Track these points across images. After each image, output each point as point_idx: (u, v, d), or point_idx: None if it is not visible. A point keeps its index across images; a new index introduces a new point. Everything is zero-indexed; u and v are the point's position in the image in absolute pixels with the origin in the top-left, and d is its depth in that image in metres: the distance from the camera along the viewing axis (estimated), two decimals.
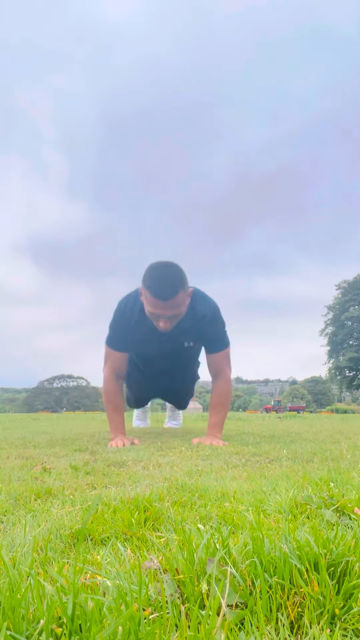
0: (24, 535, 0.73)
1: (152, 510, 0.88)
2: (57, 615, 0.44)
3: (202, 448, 2.20)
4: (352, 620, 0.48)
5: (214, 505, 0.95)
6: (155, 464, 1.64)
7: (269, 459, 1.79)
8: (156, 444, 2.46)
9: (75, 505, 0.98)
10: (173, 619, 0.45)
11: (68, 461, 1.73)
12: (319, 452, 1.97)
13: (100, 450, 2.16)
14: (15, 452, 2.08)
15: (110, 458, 1.81)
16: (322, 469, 1.44)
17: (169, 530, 0.79)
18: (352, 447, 2.20)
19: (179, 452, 2.03)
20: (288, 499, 0.93)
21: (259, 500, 0.97)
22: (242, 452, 2.03)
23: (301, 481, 1.16)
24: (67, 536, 0.76)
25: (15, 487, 1.19)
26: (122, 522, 0.82)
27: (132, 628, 0.41)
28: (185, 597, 0.51)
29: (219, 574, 0.52)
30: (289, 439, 2.78)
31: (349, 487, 1.08)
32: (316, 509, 0.86)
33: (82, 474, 1.42)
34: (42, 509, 0.95)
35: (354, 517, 0.80)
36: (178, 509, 0.93)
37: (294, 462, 1.66)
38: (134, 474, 1.39)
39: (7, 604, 0.44)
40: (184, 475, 1.36)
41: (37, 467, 1.54)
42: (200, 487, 1.13)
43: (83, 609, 0.43)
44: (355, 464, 1.58)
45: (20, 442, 2.59)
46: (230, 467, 1.57)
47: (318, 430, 3.86)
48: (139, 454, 1.94)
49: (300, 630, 0.48)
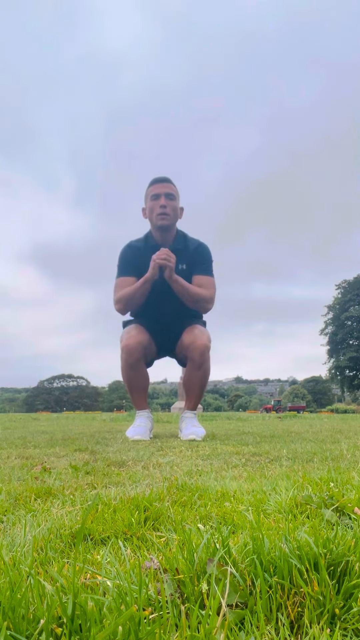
0: (24, 535, 0.73)
1: (152, 510, 0.88)
2: (57, 615, 0.44)
3: (202, 448, 2.20)
4: (352, 620, 0.48)
5: (214, 505, 0.95)
6: (155, 464, 1.64)
7: (269, 458, 1.79)
8: (156, 444, 2.46)
9: (75, 505, 0.98)
10: (173, 618, 0.45)
11: (68, 461, 1.73)
12: (319, 452, 1.97)
13: (100, 450, 2.16)
14: (16, 452, 2.08)
15: (110, 458, 1.81)
16: (322, 469, 1.44)
17: (169, 530, 0.79)
18: (352, 447, 2.20)
19: (179, 452, 2.03)
20: (288, 499, 0.93)
21: (259, 500, 0.97)
22: (242, 452, 2.03)
23: (301, 481, 1.16)
24: (67, 536, 0.76)
25: (15, 486, 1.19)
26: (122, 521, 0.82)
27: (132, 628, 0.41)
28: (185, 597, 0.51)
29: (219, 573, 0.52)
30: (289, 439, 2.78)
31: (349, 487, 1.08)
32: (316, 508, 0.86)
33: (82, 473, 1.42)
34: (42, 509, 0.95)
35: (354, 517, 0.80)
36: (178, 508, 0.92)
37: (294, 462, 1.66)
38: (134, 474, 1.39)
39: (7, 604, 0.44)
40: (184, 475, 1.36)
41: (37, 467, 1.54)
42: (200, 487, 1.13)
43: (83, 609, 0.43)
44: (355, 463, 1.58)
45: (20, 442, 2.59)
46: (230, 467, 1.57)
47: (318, 430, 3.86)
48: (139, 454, 1.94)
49: (300, 630, 0.48)
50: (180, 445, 2.32)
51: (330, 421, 6.19)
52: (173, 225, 3.02)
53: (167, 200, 2.93)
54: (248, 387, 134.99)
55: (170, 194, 2.95)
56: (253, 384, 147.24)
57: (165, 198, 2.93)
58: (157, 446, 2.31)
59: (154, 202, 2.95)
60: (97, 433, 3.47)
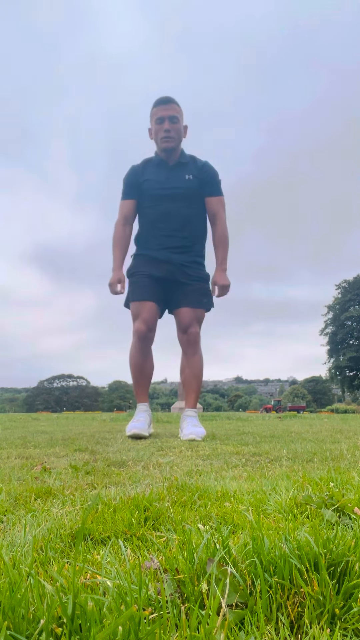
0: (24, 535, 0.73)
1: (152, 510, 0.88)
2: (57, 615, 0.44)
3: (202, 448, 2.20)
4: (352, 620, 0.48)
5: (214, 505, 0.95)
6: (155, 464, 1.64)
7: (269, 458, 1.79)
8: (156, 444, 2.46)
9: (75, 505, 0.98)
10: (173, 618, 0.45)
11: (68, 461, 1.73)
12: (319, 452, 1.97)
13: (100, 450, 2.16)
14: (16, 452, 2.08)
15: (110, 458, 1.81)
16: (322, 469, 1.44)
17: (169, 530, 0.79)
18: (352, 447, 2.20)
19: (179, 452, 2.03)
20: (288, 499, 0.93)
21: (259, 500, 0.97)
22: (242, 452, 2.03)
23: (301, 481, 1.16)
24: (67, 536, 0.76)
25: (15, 487, 1.19)
26: (122, 521, 0.82)
27: (132, 628, 0.41)
28: (185, 596, 0.51)
29: (219, 573, 0.52)
30: (289, 439, 2.78)
31: (349, 487, 1.08)
32: (316, 508, 0.86)
33: (82, 473, 1.42)
34: (42, 509, 0.95)
35: (354, 517, 0.80)
36: (178, 508, 0.92)
37: (294, 462, 1.66)
38: (134, 474, 1.39)
39: (7, 604, 0.44)
40: (184, 475, 1.36)
41: (37, 467, 1.54)
42: (200, 487, 1.13)
43: (83, 609, 0.43)
44: (355, 463, 1.58)
45: (20, 442, 2.59)
46: (230, 467, 1.57)
47: (318, 430, 3.86)
48: (139, 454, 1.94)
49: (300, 630, 0.48)
50: (180, 445, 2.32)
51: (330, 421, 6.19)
52: (178, 146, 3.15)
53: (171, 124, 3.05)
54: (248, 387, 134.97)
55: (174, 116, 3.05)
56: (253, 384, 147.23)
57: (169, 122, 3.05)
58: (157, 446, 2.31)
59: (158, 126, 3.07)
60: (97, 433, 3.47)
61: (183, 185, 3.09)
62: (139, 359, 3.09)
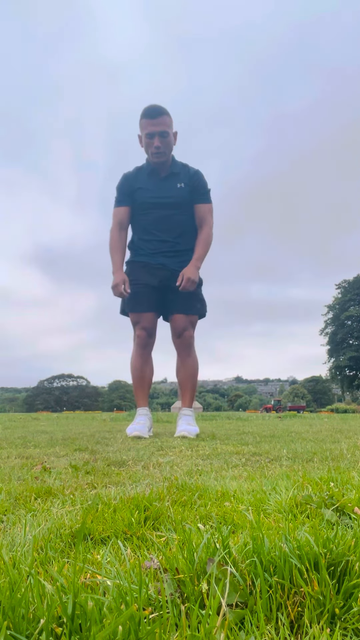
0: (24, 535, 0.73)
1: (152, 509, 0.88)
2: (57, 615, 0.44)
3: (202, 447, 2.20)
4: (352, 619, 0.48)
5: (214, 505, 0.95)
6: (155, 464, 1.64)
7: (269, 458, 1.79)
8: (156, 443, 2.46)
9: (75, 504, 0.98)
10: (173, 618, 0.45)
11: (68, 461, 1.73)
12: (319, 451, 1.97)
13: (100, 450, 2.16)
14: (16, 451, 2.08)
15: (110, 457, 1.81)
16: (322, 469, 1.44)
17: (169, 530, 0.79)
18: (352, 446, 2.20)
19: (179, 452, 2.03)
20: (288, 499, 0.93)
21: (259, 499, 0.97)
22: (242, 451, 2.03)
23: (301, 481, 1.16)
24: (67, 535, 0.76)
25: (15, 486, 1.19)
26: (122, 521, 0.82)
27: (132, 627, 0.41)
28: (185, 596, 0.51)
29: (219, 573, 0.52)
30: (289, 439, 2.78)
31: (349, 487, 1.08)
32: (316, 508, 0.86)
33: (82, 473, 1.42)
34: (42, 509, 0.95)
35: (354, 517, 0.80)
36: (178, 508, 0.92)
37: (294, 462, 1.66)
38: (134, 474, 1.39)
39: (7, 604, 0.44)
40: (184, 475, 1.36)
41: (37, 467, 1.54)
42: (200, 487, 1.13)
43: (83, 609, 0.43)
44: (355, 463, 1.58)
45: (20, 442, 2.59)
46: (230, 466, 1.57)
47: (318, 429, 3.86)
48: (139, 454, 1.94)
49: (300, 630, 0.48)
50: (180, 445, 2.32)
51: (330, 421, 6.19)
52: (169, 157, 3.19)
53: (161, 139, 3.06)
54: (248, 387, 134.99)
55: (164, 132, 3.06)
56: (253, 384, 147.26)
57: (159, 138, 3.05)
58: (157, 446, 2.31)
59: (149, 140, 3.09)
60: (97, 433, 3.47)
61: (175, 194, 3.14)
62: (139, 364, 3.18)
